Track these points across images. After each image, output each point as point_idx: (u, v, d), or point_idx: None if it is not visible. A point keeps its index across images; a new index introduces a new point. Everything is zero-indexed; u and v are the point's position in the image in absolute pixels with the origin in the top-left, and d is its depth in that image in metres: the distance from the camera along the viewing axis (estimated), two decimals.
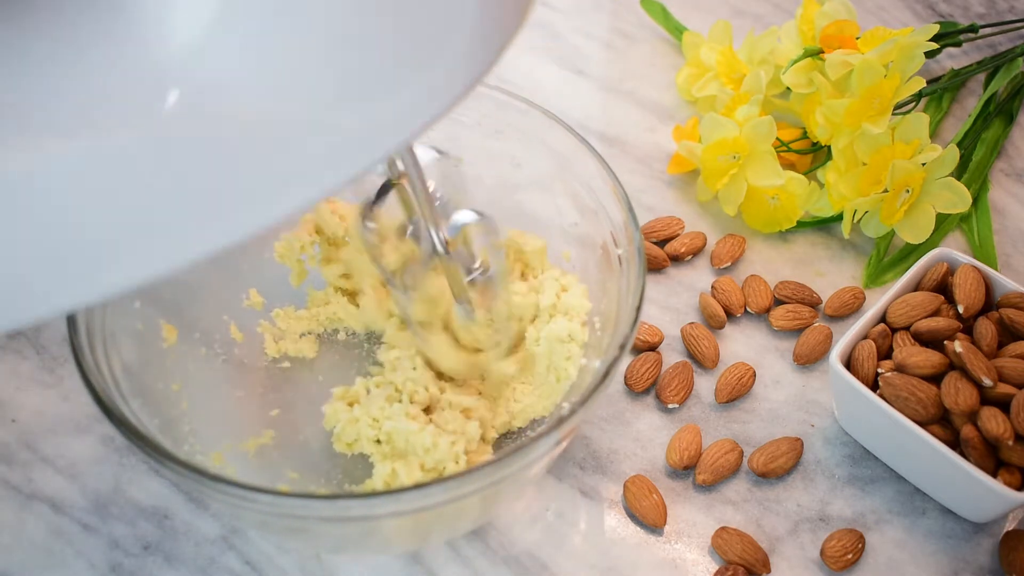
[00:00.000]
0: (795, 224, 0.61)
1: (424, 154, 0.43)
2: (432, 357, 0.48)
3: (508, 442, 0.50)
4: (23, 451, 0.51)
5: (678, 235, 0.61)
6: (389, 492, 0.38)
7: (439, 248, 0.43)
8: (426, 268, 0.44)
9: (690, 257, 0.61)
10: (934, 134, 0.67)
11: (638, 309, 0.44)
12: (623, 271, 0.47)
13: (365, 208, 0.44)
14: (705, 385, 0.55)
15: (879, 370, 0.49)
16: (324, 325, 0.54)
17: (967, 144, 0.65)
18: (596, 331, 0.49)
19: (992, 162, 0.65)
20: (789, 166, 0.63)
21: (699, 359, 0.55)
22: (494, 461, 0.39)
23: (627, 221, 0.47)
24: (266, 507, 0.39)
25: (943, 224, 0.62)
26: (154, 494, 0.50)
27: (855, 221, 0.59)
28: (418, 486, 0.38)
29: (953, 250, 0.53)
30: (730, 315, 0.58)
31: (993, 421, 0.46)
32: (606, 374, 0.42)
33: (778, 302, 0.58)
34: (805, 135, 0.64)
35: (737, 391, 0.54)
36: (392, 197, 0.44)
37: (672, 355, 0.56)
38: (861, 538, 0.49)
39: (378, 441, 0.47)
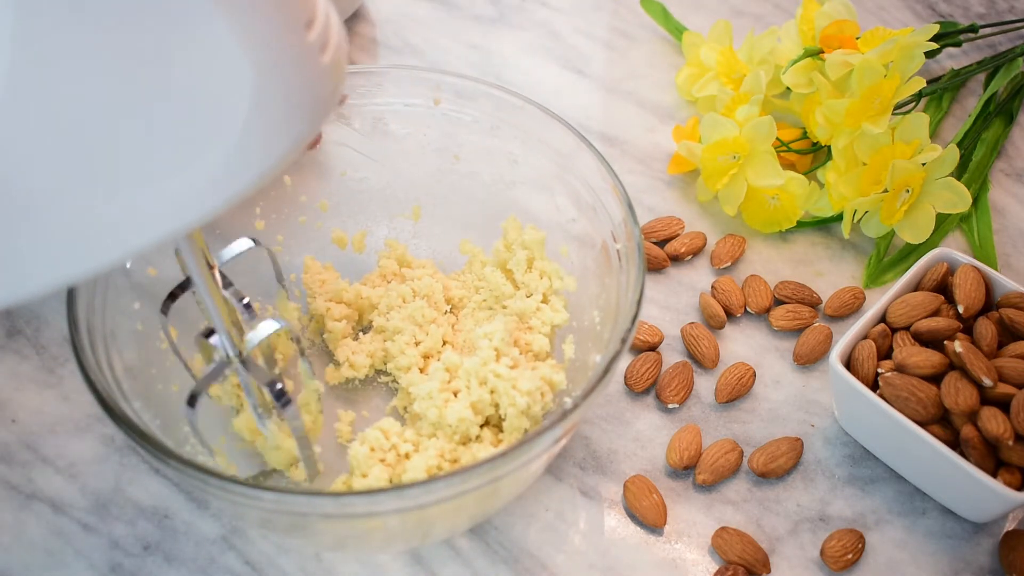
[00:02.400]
0: (795, 224, 0.61)
1: (236, 246, 0.42)
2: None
3: None
4: (23, 451, 0.51)
5: (678, 235, 0.61)
6: (392, 488, 0.38)
7: (230, 356, 0.41)
8: (217, 376, 0.42)
9: (690, 257, 0.61)
10: (934, 134, 0.67)
11: (638, 303, 0.44)
12: (623, 266, 0.47)
13: (164, 304, 0.43)
14: (705, 385, 0.55)
15: (879, 370, 0.49)
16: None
17: (967, 144, 0.65)
18: (596, 326, 0.49)
19: (992, 162, 0.65)
20: (789, 166, 0.63)
21: (699, 359, 0.55)
22: (497, 457, 0.39)
23: (626, 216, 0.47)
24: (271, 505, 0.39)
25: (943, 224, 0.62)
26: (154, 494, 0.50)
27: (855, 221, 0.59)
28: (421, 482, 0.38)
29: (953, 250, 0.53)
30: (730, 315, 0.58)
31: (993, 421, 0.46)
32: (607, 368, 0.42)
33: (778, 302, 0.58)
34: (805, 135, 0.64)
35: (737, 391, 0.54)
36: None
37: (672, 355, 0.56)
38: (861, 538, 0.49)
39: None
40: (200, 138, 0.30)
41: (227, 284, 0.43)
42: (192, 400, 0.42)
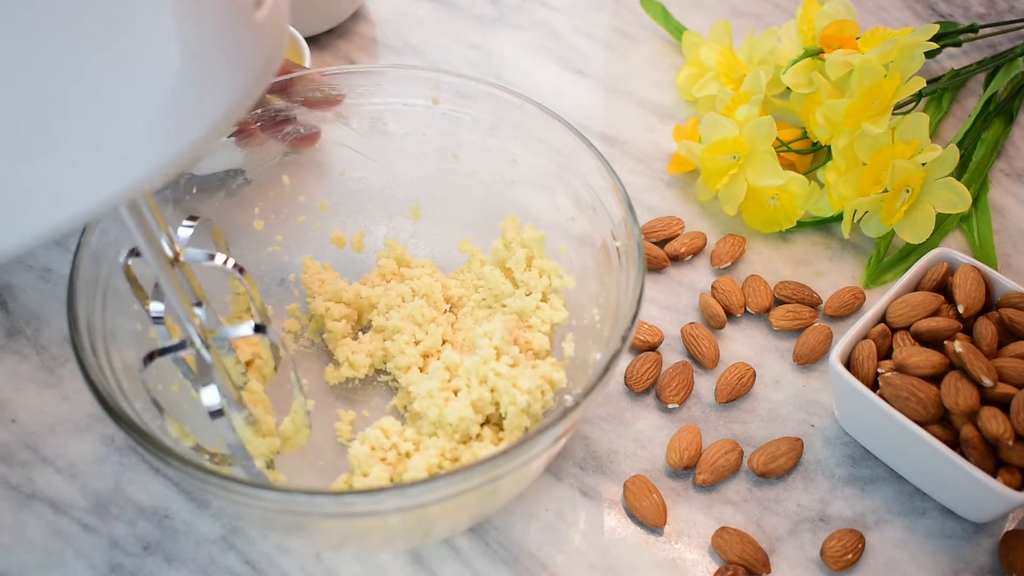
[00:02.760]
0: (795, 224, 0.61)
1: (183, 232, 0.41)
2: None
3: None
4: (23, 451, 0.51)
5: (678, 235, 0.61)
6: (394, 487, 0.38)
7: (195, 341, 0.41)
8: (175, 351, 0.41)
9: (690, 257, 0.61)
10: (934, 134, 0.67)
11: (638, 302, 0.44)
12: (623, 264, 0.47)
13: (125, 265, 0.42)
14: (705, 385, 0.55)
15: (879, 370, 0.49)
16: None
17: (967, 144, 0.65)
18: (596, 324, 0.49)
19: (992, 162, 0.65)
20: (789, 166, 0.63)
21: (699, 359, 0.55)
22: (499, 455, 0.39)
23: (625, 214, 0.47)
24: (273, 504, 0.39)
25: (943, 224, 0.62)
26: (154, 494, 0.50)
27: (855, 221, 0.59)
28: (423, 480, 0.38)
29: (953, 250, 0.53)
30: (730, 315, 0.58)
31: (993, 421, 0.46)
32: (608, 366, 0.42)
33: (778, 302, 0.58)
34: (805, 135, 0.64)
35: (737, 391, 0.54)
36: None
37: (672, 355, 0.56)
38: (861, 538, 0.49)
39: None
40: (123, 102, 0.28)
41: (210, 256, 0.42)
42: (146, 361, 0.41)
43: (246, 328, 0.41)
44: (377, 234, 0.57)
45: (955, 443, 0.47)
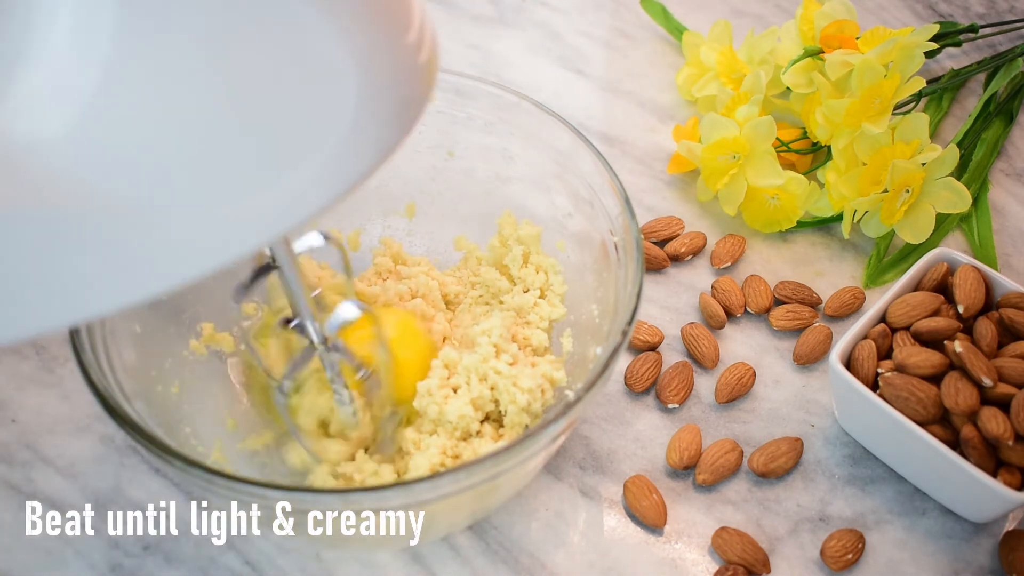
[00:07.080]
0: (795, 224, 0.61)
1: (310, 239, 0.42)
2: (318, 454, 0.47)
3: None
4: (23, 451, 0.51)
5: (678, 235, 0.61)
6: (398, 484, 0.38)
7: (316, 342, 0.42)
8: (304, 364, 0.43)
9: (690, 257, 0.61)
10: (934, 134, 0.67)
11: (638, 295, 0.44)
12: (621, 260, 0.47)
13: (237, 292, 0.42)
14: (705, 385, 0.55)
15: (879, 370, 0.49)
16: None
17: (967, 144, 0.65)
18: (595, 320, 0.49)
19: (992, 162, 0.65)
20: (789, 166, 0.63)
21: (699, 359, 0.55)
22: (502, 451, 0.39)
23: (623, 209, 0.47)
24: (276, 503, 0.39)
25: (943, 224, 0.62)
26: (154, 494, 0.50)
27: (855, 221, 0.59)
28: (427, 478, 0.38)
29: (953, 250, 0.53)
30: (730, 315, 0.58)
31: (993, 421, 0.46)
32: (609, 361, 0.42)
33: (778, 302, 0.58)
34: (805, 135, 0.64)
35: (737, 391, 0.54)
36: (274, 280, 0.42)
37: (672, 355, 0.56)
38: (861, 538, 0.49)
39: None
40: (307, 140, 0.31)
41: None
42: (282, 391, 0.43)
43: (350, 309, 0.42)
44: (373, 232, 0.57)
45: (955, 443, 0.47)
